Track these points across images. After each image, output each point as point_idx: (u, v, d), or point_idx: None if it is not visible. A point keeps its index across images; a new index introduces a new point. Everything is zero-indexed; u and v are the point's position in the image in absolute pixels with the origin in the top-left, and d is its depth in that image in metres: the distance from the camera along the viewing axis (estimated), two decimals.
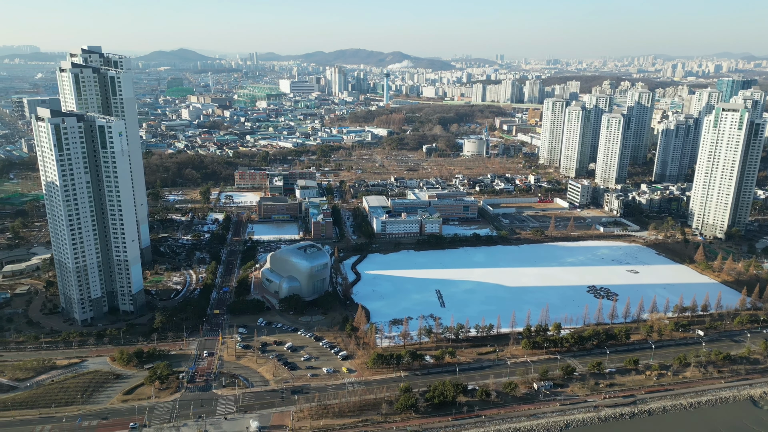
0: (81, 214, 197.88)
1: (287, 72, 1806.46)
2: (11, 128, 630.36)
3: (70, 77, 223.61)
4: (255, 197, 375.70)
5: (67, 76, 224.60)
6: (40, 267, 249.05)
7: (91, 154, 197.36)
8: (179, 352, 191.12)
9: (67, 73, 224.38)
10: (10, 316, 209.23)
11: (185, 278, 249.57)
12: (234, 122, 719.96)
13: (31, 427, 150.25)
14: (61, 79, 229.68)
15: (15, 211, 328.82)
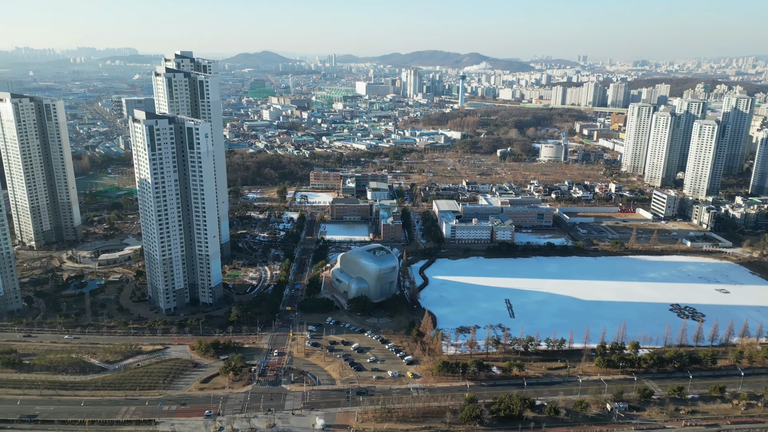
0: (169, 210, 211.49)
1: (364, 74, 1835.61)
2: (111, 126, 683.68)
3: (164, 81, 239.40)
4: (328, 198, 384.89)
5: (162, 80, 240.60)
6: (131, 257, 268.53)
7: (179, 153, 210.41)
8: (252, 345, 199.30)
9: (161, 77, 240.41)
10: (104, 301, 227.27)
11: (261, 274, 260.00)
12: (311, 123, 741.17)
13: (118, 407, 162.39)
14: (156, 83, 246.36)
15: (111, 204, 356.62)
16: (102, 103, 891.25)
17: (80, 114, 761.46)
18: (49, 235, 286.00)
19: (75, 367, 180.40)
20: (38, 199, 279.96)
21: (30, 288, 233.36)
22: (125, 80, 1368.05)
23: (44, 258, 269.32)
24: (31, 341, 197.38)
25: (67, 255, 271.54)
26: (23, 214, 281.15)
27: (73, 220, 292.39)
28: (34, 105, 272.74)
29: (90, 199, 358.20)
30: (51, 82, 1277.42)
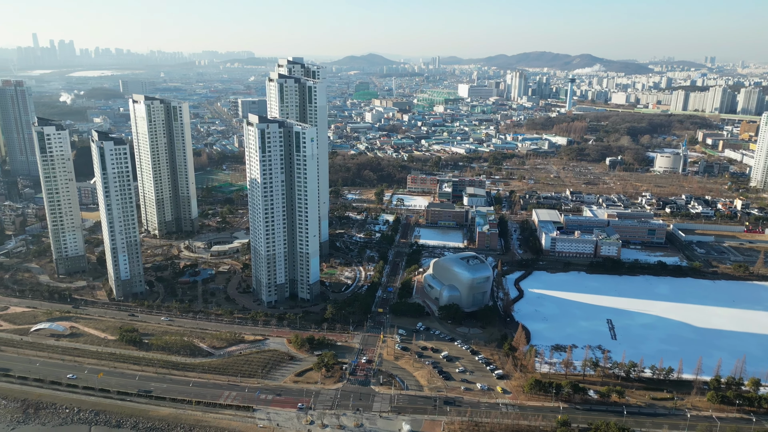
0: (275, 209, 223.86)
1: (467, 76, 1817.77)
2: (227, 125, 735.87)
3: (276, 87, 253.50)
4: (424, 201, 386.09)
5: (274, 85, 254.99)
6: (239, 250, 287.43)
7: (287, 156, 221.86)
8: (344, 343, 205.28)
9: (274, 83, 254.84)
10: (213, 290, 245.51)
11: (355, 274, 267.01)
12: (411, 126, 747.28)
13: (221, 391, 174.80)
14: (269, 88, 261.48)
15: (224, 199, 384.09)
16: (221, 103, 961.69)
17: (201, 113, 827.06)
18: (170, 225, 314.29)
19: (186, 350, 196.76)
20: (163, 192, 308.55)
21: (152, 273, 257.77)
22: (242, 81, 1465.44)
23: (165, 246, 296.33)
24: (151, 322, 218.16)
25: (184, 245, 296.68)
26: (150, 205, 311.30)
27: (192, 212, 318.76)
28: (163, 107, 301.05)
29: (206, 193, 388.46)
30: (178, 83, 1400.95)
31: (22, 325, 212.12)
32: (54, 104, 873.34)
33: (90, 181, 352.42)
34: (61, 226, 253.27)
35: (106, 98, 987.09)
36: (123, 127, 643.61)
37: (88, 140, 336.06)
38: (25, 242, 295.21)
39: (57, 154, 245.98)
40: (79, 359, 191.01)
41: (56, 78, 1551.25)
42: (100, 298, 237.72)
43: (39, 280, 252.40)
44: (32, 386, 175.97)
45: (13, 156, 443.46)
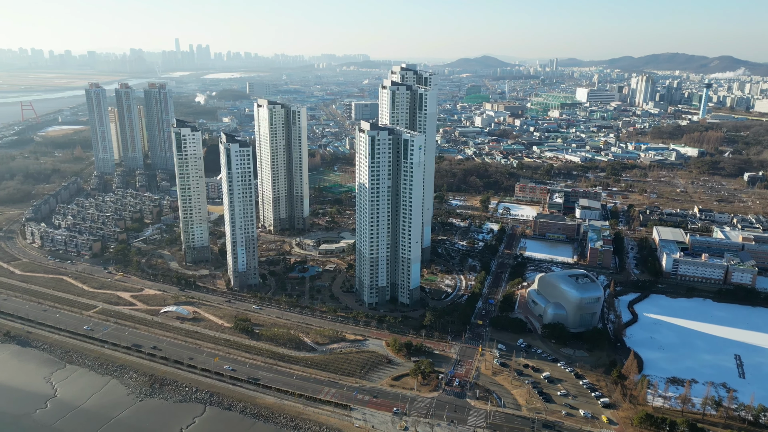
0: (380, 214, 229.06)
1: (587, 79, 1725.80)
2: (340, 127, 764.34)
3: (389, 94, 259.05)
4: (532, 212, 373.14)
5: (387, 93, 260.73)
6: (345, 250, 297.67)
7: (394, 162, 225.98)
8: (441, 352, 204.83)
9: (386, 90, 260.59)
10: (319, 287, 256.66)
11: (456, 282, 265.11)
12: (523, 131, 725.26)
13: (321, 387, 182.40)
14: (382, 95, 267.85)
15: (334, 199, 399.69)
16: (336, 106, 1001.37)
17: (317, 115, 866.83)
18: (284, 222, 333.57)
19: (292, 343, 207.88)
20: (279, 191, 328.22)
21: (265, 267, 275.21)
22: (356, 84, 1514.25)
23: (278, 242, 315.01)
24: (262, 314, 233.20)
25: (295, 241, 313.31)
26: (267, 202, 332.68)
27: (304, 211, 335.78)
28: (284, 111, 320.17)
29: (317, 193, 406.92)
30: (298, 85, 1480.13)
31: (153, 306, 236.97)
32: (190, 104, 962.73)
33: (216, 177, 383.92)
34: (190, 219, 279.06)
35: (234, 99, 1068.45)
36: (248, 126, 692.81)
37: (217, 139, 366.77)
38: (160, 231, 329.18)
39: (191, 153, 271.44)
40: (199, 342, 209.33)
41: (193, 79, 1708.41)
42: (220, 287, 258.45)
43: (169, 266, 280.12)
44: (158, 363, 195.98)
45: (154, 151, 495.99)
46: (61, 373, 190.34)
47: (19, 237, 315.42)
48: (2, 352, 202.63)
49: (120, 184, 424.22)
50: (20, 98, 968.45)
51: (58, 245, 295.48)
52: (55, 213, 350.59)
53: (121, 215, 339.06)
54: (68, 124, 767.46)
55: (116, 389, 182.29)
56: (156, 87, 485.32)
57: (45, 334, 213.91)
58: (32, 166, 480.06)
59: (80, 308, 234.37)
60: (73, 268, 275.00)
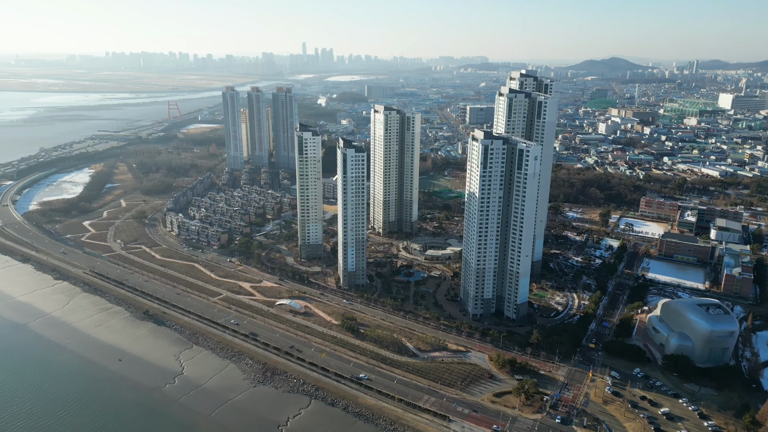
0: (489, 225, 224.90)
1: (732, 83, 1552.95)
2: (454, 131, 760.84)
3: (506, 101, 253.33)
4: (659, 229, 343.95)
5: (504, 100, 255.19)
6: (451, 257, 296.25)
7: (507, 172, 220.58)
8: (547, 373, 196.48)
9: (503, 97, 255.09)
10: (424, 293, 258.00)
11: (567, 300, 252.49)
12: (653, 140, 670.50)
13: (420, 394, 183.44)
14: (498, 102, 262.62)
15: (443, 204, 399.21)
16: (450, 109, 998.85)
17: (431, 118, 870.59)
18: (392, 225, 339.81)
19: (394, 347, 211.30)
20: (390, 195, 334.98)
21: (373, 268, 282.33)
22: (473, 87, 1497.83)
23: (386, 244, 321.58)
24: (367, 314, 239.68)
25: (402, 245, 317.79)
26: (377, 205, 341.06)
27: (412, 215, 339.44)
28: (399, 117, 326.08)
29: (426, 197, 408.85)
30: (415, 88, 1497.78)
31: (269, 298, 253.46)
32: (312, 106, 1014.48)
33: (332, 178, 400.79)
34: (307, 217, 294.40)
35: (352, 102, 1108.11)
36: (364, 129, 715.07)
37: (336, 140, 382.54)
38: (280, 227, 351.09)
39: (311, 156, 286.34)
40: (308, 336, 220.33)
41: (316, 82, 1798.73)
42: (330, 284, 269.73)
43: (286, 260, 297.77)
44: (271, 353, 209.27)
45: (279, 151, 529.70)
46: (188, 353, 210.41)
47: (161, 225, 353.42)
48: (141, 329, 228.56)
49: (247, 180, 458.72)
50: (168, 98, 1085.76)
51: (192, 235, 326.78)
52: (191, 205, 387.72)
53: (246, 210, 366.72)
54: (206, 123, 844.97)
55: (233, 373, 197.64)
56: (283, 91, 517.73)
57: (177, 316, 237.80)
58: (174, 161, 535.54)
59: (207, 294, 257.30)
60: (203, 257, 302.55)
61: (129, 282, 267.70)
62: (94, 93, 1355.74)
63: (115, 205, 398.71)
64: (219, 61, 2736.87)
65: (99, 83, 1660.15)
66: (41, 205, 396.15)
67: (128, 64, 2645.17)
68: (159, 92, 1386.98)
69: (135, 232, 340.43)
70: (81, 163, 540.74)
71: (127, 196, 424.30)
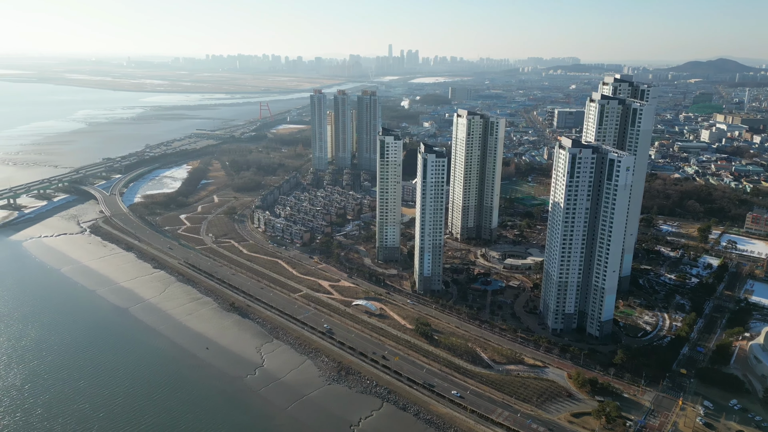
0: (574, 237, 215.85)
1: None
2: (539, 135, 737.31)
3: (596, 108, 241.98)
4: (766, 249, 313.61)
5: (594, 106, 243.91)
6: (531, 267, 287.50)
7: (596, 183, 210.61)
8: (631, 396, 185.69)
9: (594, 104, 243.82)
10: (501, 303, 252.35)
11: (657, 320, 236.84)
12: (763, 150, 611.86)
13: (494, 407, 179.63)
14: (589, 108, 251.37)
15: (524, 212, 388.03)
16: (537, 112, 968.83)
17: (516, 121, 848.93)
18: (471, 231, 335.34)
19: (468, 356, 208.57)
20: (469, 200, 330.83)
21: (448, 274, 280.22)
22: (562, 90, 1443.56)
23: (464, 251, 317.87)
24: (441, 320, 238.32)
25: (480, 252, 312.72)
26: (456, 210, 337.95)
27: (492, 222, 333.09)
28: (482, 121, 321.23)
29: (507, 203, 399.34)
30: (500, 90, 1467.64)
31: (346, 298, 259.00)
32: (395, 108, 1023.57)
33: (412, 181, 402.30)
34: (385, 220, 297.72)
35: (435, 104, 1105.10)
36: (446, 132, 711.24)
37: (417, 143, 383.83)
38: (359, 227, 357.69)
39: (392, 160, 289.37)
40: (383, 339, 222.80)
41: (400, 84, 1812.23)
42: (405, 287, 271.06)
43: (364, 261, 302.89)
44: (346, 351, 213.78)
45: (361, 153, 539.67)
46: (269, 346, 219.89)
47: (249, 221, 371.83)
48: (227, 320, 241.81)
49: (330, 181, 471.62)
50: (260, 98, 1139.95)
51: (277, 232, 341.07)
52: (278, 203, 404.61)
53: (328, 210, 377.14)
54: (294, 124, 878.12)
55: (310, 369, 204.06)
56: (368, 94, 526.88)
57: (260, 309, 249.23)
58: (263, 160, 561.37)
59: (289, 290, 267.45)
60: (286, 254, 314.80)
61: (218, 274, 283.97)
62: (195, 93, 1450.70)
63: (209, 201, 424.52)
64: (308, 63, 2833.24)
65: (199, 84, 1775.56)
66: (144, 198, 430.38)
67: (226, 66, 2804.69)
68: (252, 93, 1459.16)
69: (225, 227, 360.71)
70: (180, 159, 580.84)
71: (219, 192, 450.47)
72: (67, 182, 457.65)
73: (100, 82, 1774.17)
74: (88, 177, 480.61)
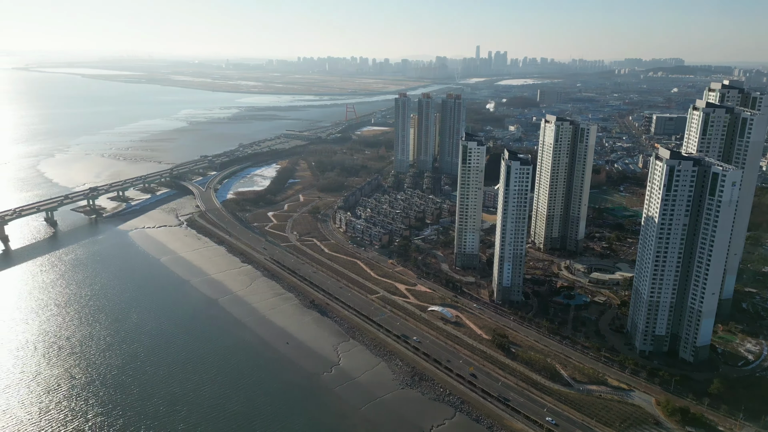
0: (668, 254, 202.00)
1: None
2: (634, 141, 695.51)
3: (700, 117, 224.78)
4: None
5: (698, 115, 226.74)
6: (620, 283, 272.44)
7: (696, 198, 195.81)
8: (727, 431, 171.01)
9: (698, 112, 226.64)
10: (584, 319, 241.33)
11: (762, 349, 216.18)
12: None
13: (573, 428, 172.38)
14: (691, 117, 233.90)
15: (614, 223, 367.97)
16: (633, 117, 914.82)
17: (609, 126, 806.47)
18: (555, 241, 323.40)
19: (546, 372, 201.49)
20: (554, 209, 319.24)
21: (529, 285, 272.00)
22: (662, 93, 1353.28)
23: (546, 261, 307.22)
24: (519, 333, 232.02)
25: (564, 264, 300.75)
26: (540, 219, 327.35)
27: (578, 233, 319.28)
28: (571, 128, 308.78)
29: (596, 214, 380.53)
30: (593, 93, 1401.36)
31: (422, 302, 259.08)
32: (480, 110, 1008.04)
33: (494, 187, 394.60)
34: (465, 226, 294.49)
35: (522, 107, 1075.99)
36: (532, 136, 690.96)
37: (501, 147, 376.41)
38: (437, 232, 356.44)
39: (474, 166, 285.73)
40: (457, 347, 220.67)
41: (486, 86, 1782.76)
42: (483, 296, 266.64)
43: (441, 267, 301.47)
44: (420, 357, 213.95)
45: (443, 156, 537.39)
46: (345, 346, 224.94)
47: (331, 221, 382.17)
48: (307, 317, 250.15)
49: (410, 184, 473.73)
50: (346, 101, 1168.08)
51: (357, 233, 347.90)
52: (359, 204, 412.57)
53: (407, 213, 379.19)
54: (378, 126, 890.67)
55: (384, 372, 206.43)
56: (452, 98, 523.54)
57: (338, 308, 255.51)
58: (347, 161, 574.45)
59: (366, 291, 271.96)
60: (365, 255, 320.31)
61: (300, 271, 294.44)
62: (286, 95, 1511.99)
63: (295, 200, 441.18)
64: (395, 65, 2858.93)
65: (290, 86, 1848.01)
66: (236, 194, 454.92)
67: (315, 68, 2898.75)
68: (339, 95, 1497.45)
69: (309, 225, 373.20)
70: (270, 158, 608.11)
71: (305, 191, 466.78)
72: (168, 177, 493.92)
73: (200, 84, 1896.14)
74: (186, 173, 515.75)
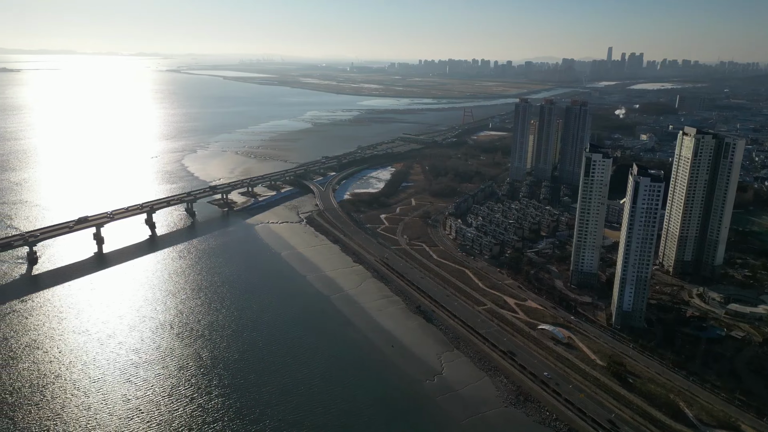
0: None
1: None
2: None
3: None
4: None
5: None
6: (763, 318, 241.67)
7: None
8: None
9: None
10: (717, 355, 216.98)
11: None
12: None
13: None
14: None
15: (761, 249, 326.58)
16: None
17: (761, 139, 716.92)
18: (686, 266, 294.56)
19: (668, 409, 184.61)
20: (689, 230, 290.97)
21: (653, 312, 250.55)
22: None
23: (675, 287, 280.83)
24: (638, 362, 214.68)
25: (696, 291, 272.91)
26: (670, 239, 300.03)
27: (716, 258, 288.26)
28: (714, 142, 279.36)
29: (739, 237, 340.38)
30: (743, 99, 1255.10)
31: (532, 319, 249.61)
32: (608, 117, 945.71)
33: (619, 201, 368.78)
34: (583, 242, 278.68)
35: (657, 114, 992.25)
36: (667, 146, 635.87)
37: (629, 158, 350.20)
38: (553, 246, 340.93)
39: (597, 179, 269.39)
40: (567, 371, 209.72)
41: (617, 90, 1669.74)
42: (599, 319, 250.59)
43: (554, 283, 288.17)
44: (527, 376, 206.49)
45: (564, 165, 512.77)
46: (449, 355, 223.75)
47: (441, 227, 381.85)
48: (413, 322, 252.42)
49: (526, 193, 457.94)
50: (464, 104, 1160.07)
51: (467, 241, 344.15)
52: (470, 211, 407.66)
53: (521, 224, 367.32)
54: (495, 130, 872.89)
55: (487, 387, 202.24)
56: (578, 104, 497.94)
57: (444, 317, 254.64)
58: (461, 167, 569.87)
59: (473, 302, 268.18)
60: (474, 264, 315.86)
61: (408, 276, 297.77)
62: (405, 98, 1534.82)
63: (407, 203, 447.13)
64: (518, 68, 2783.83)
65: (409, 89, 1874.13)
66: (352, 195, 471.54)
67: (436, 70, 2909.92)
68: (457, 98, 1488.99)
69: (419, 230, 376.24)
70: (386, 161, 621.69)
71: (417, 195, 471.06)
72: (291, 176, 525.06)
73: (326, 86, 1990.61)
74: (309, 173, 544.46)
